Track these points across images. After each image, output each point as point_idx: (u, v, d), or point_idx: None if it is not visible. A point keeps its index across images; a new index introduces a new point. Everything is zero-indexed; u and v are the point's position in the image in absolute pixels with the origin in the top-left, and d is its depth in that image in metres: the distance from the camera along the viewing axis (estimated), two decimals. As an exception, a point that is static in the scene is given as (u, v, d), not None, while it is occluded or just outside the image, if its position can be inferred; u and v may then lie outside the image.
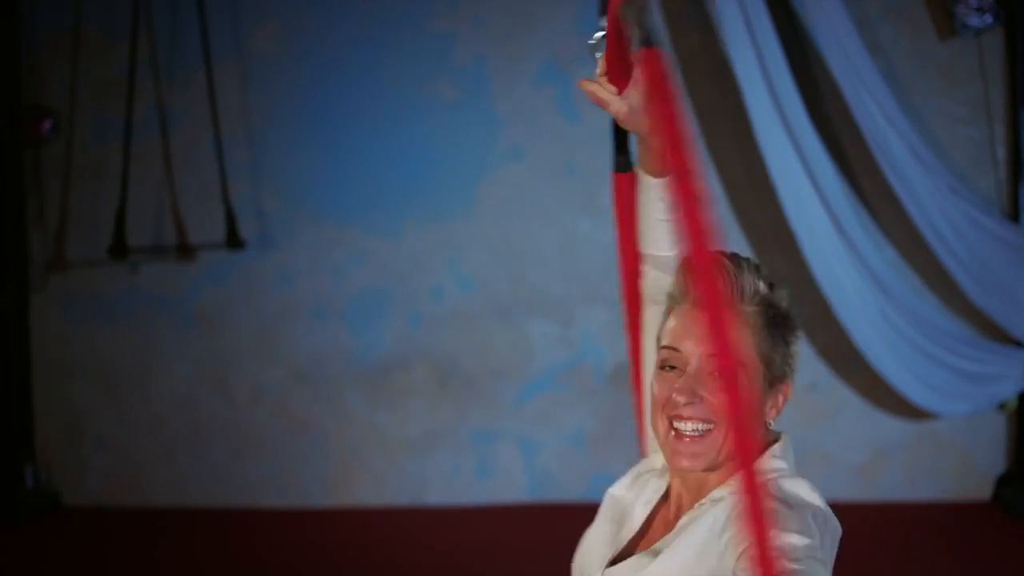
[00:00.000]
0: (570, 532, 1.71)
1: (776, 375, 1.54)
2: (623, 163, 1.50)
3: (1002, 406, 5.10)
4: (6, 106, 5.29)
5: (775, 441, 1.59)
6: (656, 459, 1.66)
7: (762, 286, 1.53)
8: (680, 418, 1.50)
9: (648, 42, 1.28)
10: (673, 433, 1.51)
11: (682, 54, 5.07)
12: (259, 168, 5.23)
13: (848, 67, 4.77)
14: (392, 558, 4.66)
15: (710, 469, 1.53)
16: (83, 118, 5.37)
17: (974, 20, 4.91)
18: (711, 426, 1.50)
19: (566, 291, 5.22)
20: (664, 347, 1.54)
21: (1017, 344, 4.97)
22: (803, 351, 6.02)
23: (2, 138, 5.29)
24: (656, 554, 1.52)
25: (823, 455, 5.15)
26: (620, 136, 1.51)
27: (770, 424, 1.56)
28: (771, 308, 1.53)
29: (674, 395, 1.50)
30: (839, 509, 1.55)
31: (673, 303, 1.55)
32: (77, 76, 5.32)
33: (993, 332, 5.04)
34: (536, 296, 5.25)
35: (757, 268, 1.54)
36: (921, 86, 5.09)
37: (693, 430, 1.50)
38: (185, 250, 5.29)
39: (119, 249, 5.21)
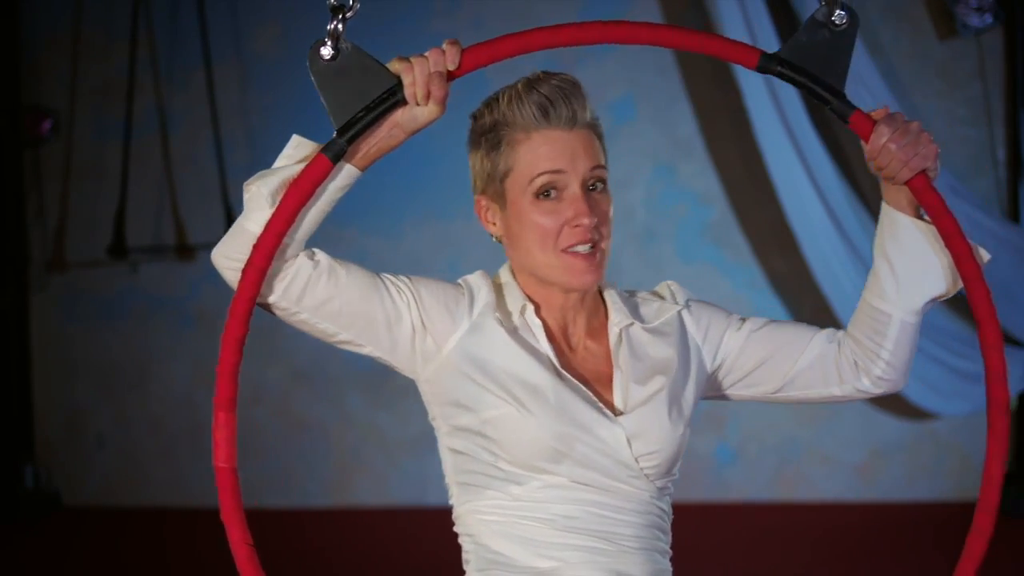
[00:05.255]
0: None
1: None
2: (338, 148, 1.47)
3: (1002, 406, 5.10)
4: (6, 106, 5.29)
5: None
6: (458, 319, 1.59)
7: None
8: (579, 243, 1.55)
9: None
10: (568, 257, 1.55)
11: (682, 55, 5.08)
12: (259, 168, 5.23)
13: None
14: (392, 558, 4.66)
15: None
16: (83, 118, 5.37)
17: (974, 20, 4.91)
18: (595, 240, 1.56)
19: (566, 291, 5.22)
20: (546, 172, 1.56)
21: (1017, 344, 4.97)
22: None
23: (2, 138, 5.29)
24: (645, 375, 1.59)
25: (823, 455, 5.15)
26: (364, 124, 1.47)
27: None
28: (600, 127, 1.62)
29: (581, 218, 1.53)
30: (839, 509, 1.57)
31: (524, 131, 1.57)
32: (77, 76, 5.32)
33: (993, 332, 5.03)
34: (536, 296, 5.25)
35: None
36: (921, 86, 5.09)
37: (589, 248, 1.55)
38: (185, 250, 5.29)
39: (119, 249, 5.21)
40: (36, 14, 5.40)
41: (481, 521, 1.58)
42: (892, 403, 5.10)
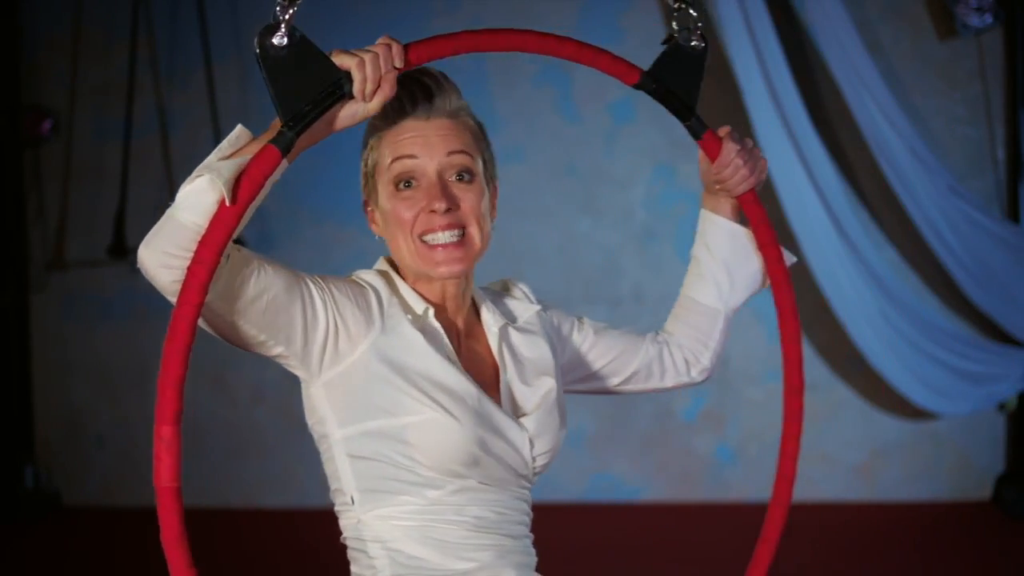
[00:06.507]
0: (570, 531, 1.72)
1: (489, 174, 1.64)
2: (288, 140, 1.41)
3: (1002, 406, 5.10)
4: (6, 106, 5.29)
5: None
6: (370, 312, 1.55)
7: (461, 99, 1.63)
8: (433, 230, 1.55)
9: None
10: (425, 246, 1.56)
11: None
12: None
13: (848, 67, 4.77)
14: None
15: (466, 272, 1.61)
16: (83, 118, 5.37)
17: (974, 20, 4.92)
18: (462, 230, 1.56)
19: (566, 291, 5.22)
20: (399, 158, 1.56)
21: (1017, 344, 4.97)
22: (803, 351, 6.02)
23: (2, 138, 5.29)
24: (528, 376, 1.64)
25: (823, 455, 5.15)
26: (312, 117, 1.41)
27: (492, 224, 1.64)
28: (473, 116, 1.64)
29: (433, 203, 1.54)
30: (839, 509, 1.58)
31: (388, 125, 1.58)
32: (77, 76, 5.32)
33: (993, 332, 5.04)
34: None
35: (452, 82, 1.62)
36: (921, 86, 5.09)
37: (451, 237, 1.55)
38: (185, 250, 5.29)
39: (119, 249, 5.21)
40: (36, 14, 5.40)
41: (394, 526, 1.56)
42: (892, 403, 5.10)
